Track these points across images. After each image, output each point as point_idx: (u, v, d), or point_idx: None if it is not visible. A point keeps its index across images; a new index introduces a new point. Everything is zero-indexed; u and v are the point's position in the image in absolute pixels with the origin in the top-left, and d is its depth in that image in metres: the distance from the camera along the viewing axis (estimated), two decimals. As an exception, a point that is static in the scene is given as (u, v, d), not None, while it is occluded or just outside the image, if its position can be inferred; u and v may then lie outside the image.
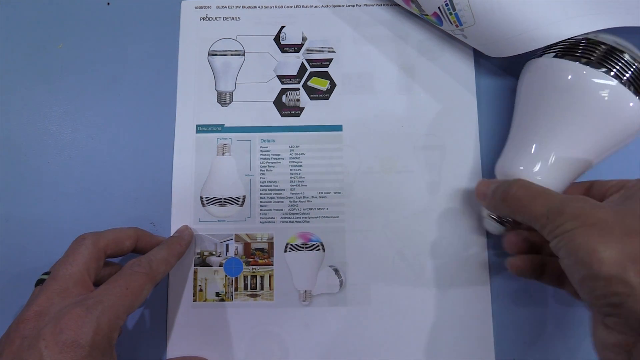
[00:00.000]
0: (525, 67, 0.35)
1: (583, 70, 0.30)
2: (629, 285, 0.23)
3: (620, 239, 0.24)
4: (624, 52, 0.30)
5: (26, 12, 0.42)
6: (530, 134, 0.33)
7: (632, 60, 0.30)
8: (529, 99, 0.34)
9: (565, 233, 0.25)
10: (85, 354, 0.26)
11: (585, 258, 0.24)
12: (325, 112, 0.40)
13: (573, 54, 0.31)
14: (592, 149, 0.32)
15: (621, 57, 0.30)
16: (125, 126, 0.40)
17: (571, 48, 0.32)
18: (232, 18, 0.41)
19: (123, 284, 0.29)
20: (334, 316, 0.37)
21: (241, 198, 0.38)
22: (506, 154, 0.34)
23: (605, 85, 0.30)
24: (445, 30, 0.39)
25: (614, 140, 0.32)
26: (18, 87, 0.41)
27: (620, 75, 0.30)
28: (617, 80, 0.30)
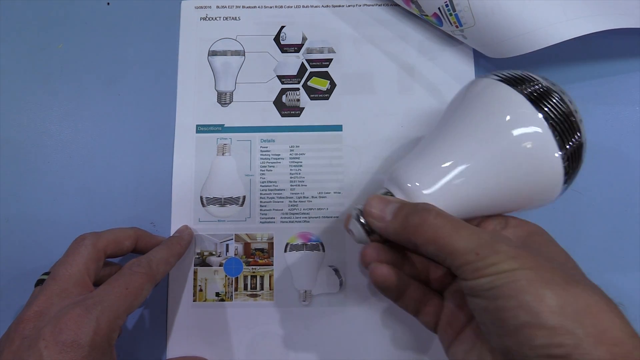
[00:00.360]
0: (471, 82, 0.31)
1: (522, 105, 0.27)
2: (575, 337, 0.22)
3: (565, 288, 0.23)
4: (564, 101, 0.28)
5: (26, 12, 0.42)
6: (443, 153, 0.29)
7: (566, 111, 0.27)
8: (456, 113, 0.30)
9: (502, 273, 0.23)
10: (85, 354, 0.26)
11: (532, 303, 0.22)
12: (325, 112, 0.40)
13: (519, 86, 0.28)
14: (496, 195, 0.28)
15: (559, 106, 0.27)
16: (125, 126, 0.40)
17: (520, 81, 0.29)
18: (232, 18, 0.41)
19: (123, 284, 0.29)
20: (334, 316, 0.37)
21: (241, 198, 0.38)
22: (408, 162, 0.30)
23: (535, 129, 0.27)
24: (445, 31, 0.39)
25: (520, 192, 0.29)
26: (18, 87, 0.41)
27: (553, 124, 0.27)
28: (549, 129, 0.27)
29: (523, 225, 0.29)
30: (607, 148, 0.38)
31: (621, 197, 0.38)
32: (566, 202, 0.38)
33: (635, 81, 0.39)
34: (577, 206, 0.38)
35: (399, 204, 0.27)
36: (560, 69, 0.40)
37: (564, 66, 0.40)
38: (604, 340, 0.22)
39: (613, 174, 0.38)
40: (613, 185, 0.38)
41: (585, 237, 0.37)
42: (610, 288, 0.37)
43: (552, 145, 0.27)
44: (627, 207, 0.38)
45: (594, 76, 0.40)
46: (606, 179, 0.38)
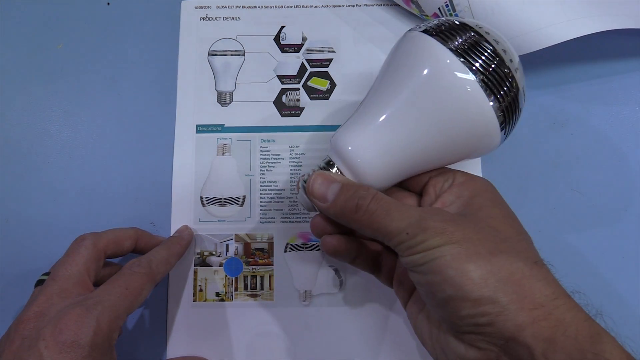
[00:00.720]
0: (402, 36, 0.30)
1: (448, 57, 0.26)
2: (498, 305, 0.23)
3: (488, 259, 0.24)
4: (490, 45, 0.27)
5: (26, 12, 0.42)
6: (372, 113, 0.28)
7: (494, 55, 0.27)
8: (385, 71, 0.30)
9: (429, 250, 0.24)
10: (85, 354, 0.26)
11: (455, 278, 0.24)
12: (325, 112, 0.40)
13: (443, 36, 0.27)
14: (434, 149, 0.28)
15: (486, 49, 0.27)
16: (125, 126, 0.40)
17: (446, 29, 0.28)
18: (232, 18, 0.41)
19: (123, 284, 0.29)
20: (334, 316, 0.37)
21: (241, 198, 0.38)
22: (344, 126, 0.30)
23: (462, 79, 0.26)
24: None
25: (457, 145, 0.28)
26: (18, 87, 0.41)
27: (480, 73, 0.26)
28: (476, 79, 0.26)
29: (469, 182, 0.29)
30: (607, 148, 0.38)
31: (621, 197, 0.38)
32: (566, 202, 0.38)
33: (635, 81, 0.39)
34: (577, 206, 0.38)
35: (340, 185, 0.28)
36: (561, 69, 0.40)
37: (564, 66, 0.40)
38: (525, 305, 0.23)
39: (613, 174, 0.38)
40: (613, 185, 0.38)
41: (585, 237, 0.37)
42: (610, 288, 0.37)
43: (480, 95, 0.26)
44: (627, 207, 0.38)
45: (594, 76, 0.40)
46: (606, 179, 0.38)
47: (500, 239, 0.26)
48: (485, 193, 0.28)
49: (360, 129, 0.28)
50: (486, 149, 0.29)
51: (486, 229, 0.26)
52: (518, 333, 0.23)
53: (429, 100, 0.27)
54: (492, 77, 0.26)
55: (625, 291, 0.36)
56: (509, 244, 0.26)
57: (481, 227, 0.26)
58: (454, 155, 0.29)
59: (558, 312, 0.23)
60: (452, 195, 0.29)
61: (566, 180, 0.38)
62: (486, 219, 0.27)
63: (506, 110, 0.27)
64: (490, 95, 0.26)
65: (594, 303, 0.25)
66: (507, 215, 0.28)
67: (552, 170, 0.38)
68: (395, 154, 0.28)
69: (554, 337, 0.22)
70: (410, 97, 0.27)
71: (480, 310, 0.23)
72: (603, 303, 0.37)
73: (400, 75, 0.28)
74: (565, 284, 0.25)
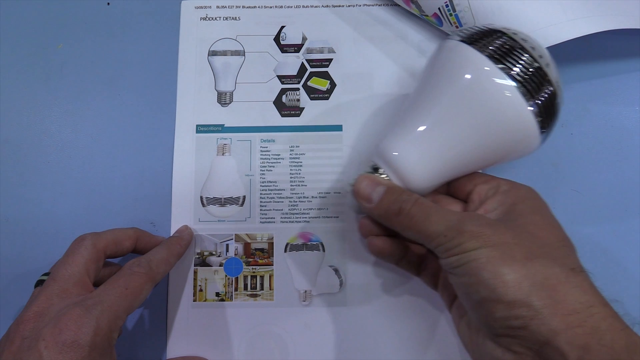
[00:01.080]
0: (439, 44, 0.31)
1: (486, 64, 0.27)
2: (532, 309, 0.23)
3: (523, 264, 0.24)
4: (527, 51, 0.28)
5: (26, 12, 0.42)
6: (414, 119, 0.30)
7: (534, 64, 0.28)
8: (424, 80, 0.31)
9: (466, 252, 0.25)
10: (85, 354, 0.26)
11: (489, 280, 0.24)
12: (325, 112, 0.40)
13: (479, 43, 0.28)
14: (476, 153, 0.29)
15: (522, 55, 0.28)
16: (125, 126, 0.40)
17: (480, 37, 0.29)
18: (232, 18, 0.41)
19: (123, 284, 0.29)
20: (334, 316, 0.37)
21: (241, 198, 0.38)
22: (388, 134, 0.31)
23: (501, 85, 0.27)
24: (445, 31, 0.39)
25: (498, 149, 0.29)
26: (18, 87, 0.41)
27: (518, 79, 0.27)
28: (515, 85, 0.27)
29: (512, 190, 0.30)
30: (607, 148, 0.38)
31: (621, 197, 0.38)
32: (566, 202, 0.38)
33: (635, 81, 0.39)
34: (577, 206, 0.38)
35: (385, 189, 0.29)
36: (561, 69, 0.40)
37: (564, 66, 0.40)
38: (559, 310, 0.23)
39: (613, 174, 0.38)
40: (613, 185, 0.38)
41: (586, 237, 0.37)
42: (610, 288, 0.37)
43: (519, 101, 0.27)
44: (627, 207, 0.38)
45: (594, 76, 0.40)
46: (606, 179, 0.38)
47: (538, 244, 0.26)
48: (527, 200, 0.29)
49: (404, 136, 0.30)
50: (525, 152, 0.30)
51: (524, 235, 0.26)
52: (552, 338, 0.23)
53: (470, 107, 0.28)
54: (530, 82, 0.27)
55: (624, 291, 0.36)
56: (547, 249, 0.26)
57: (519, 233, 0.26)
58: (494, 158, 0.30)
59: (593, 320, 0.23)
60: (495, 203, 0.29)
61: (566, 180, 0.38)
62: (526, 225, 0.27)
63: (545, 114, 0.28)
64: (529, 99, 0.27)
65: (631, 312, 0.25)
66: (548, 222, 0.28)
67: (552, 170, 0.38)
68: (439, 158, 0.29)
69: (589, 345, 0.22)
70: (451, 104, 0.29)
71: (513, 313, 0.24)
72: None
73: (440, 84, 0.29)
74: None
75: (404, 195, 0.29)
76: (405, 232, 0.29)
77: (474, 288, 0.25)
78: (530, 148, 0.30)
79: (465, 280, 0.26)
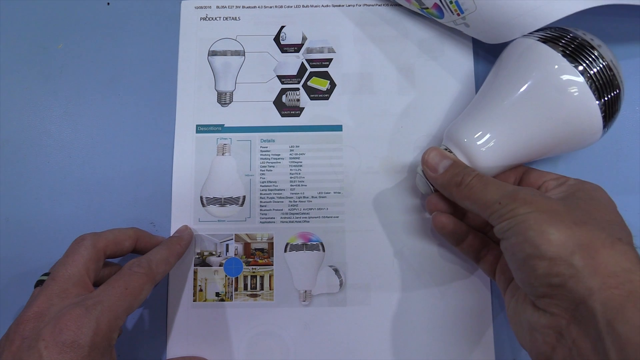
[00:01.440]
0: (509, 45, 0.34)
1: (559, 61, 0.30)
2: (573, 267, 0.24)
3: (569, 227, 0.25)
4: (601, 55, 0.30)
5: (26, 12, 0.42)
6: (488, 108, 0.33)
7: (606, 66, 0.30)
8: (499, 73, 0.34)
9: (517, 216, 0.27)
10: (85, 354, 0.26)
11: (535, 238, 0.25)
12: (325, 112, 0.40)
13: (555, 43, 0.31)
14: (540, 143, 0.32)
15: (596, 59, 0.30)
16: (125, 126, 0.40)
17: (556, 37, 0.31)
18: (232, 18, 0.41)
19: (122, 284, 0.29)
20: (334, 316, 0.37)
21: (241, 198, 0.38)
22: (461, 120, 0.34)
23: (573, 82, 0.30)
24: (445, 24, 0.38)
25: (562, 140, 0.32)
26: (18, 87, 0.41)
27: (590, 77, 0.30)
28: (587, 82, 0.30)
29: (578, 185, 0.31)
30: (607, 148, 0.38)
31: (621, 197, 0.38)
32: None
33: (635, 81, 0.39)
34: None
35: (451, 162, 0.32)
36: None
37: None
38: (599, 271, 0.24)
39: (613, 174, 0.38)
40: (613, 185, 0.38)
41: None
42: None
43: (588, 97, 0.30)
44: (627, 207, 0.37)
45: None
46: (606, 178, 0.38)
47: (588, 215, 0.27)
48: (590, 192, 0.30)
49: (475, 124, 0.33)
50: (586, 145, 0.33)
51: (577, 209, 0.27)
52: (587, 297, 0.24)
53: (540, 101, 0.31)
54: (598, 78, 0.30)
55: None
56: (597, 220, 0.26)
57: (572, 206, 0.27)
58: (557, 148, 0.33)
59: (631, 285, 0.23)
60: (558, 191, 0.31)
61: (566, 180, 0.38)
62: (580, 203, 0.28)
63: (609, 110, 0.31)
64: (597, 95, 0.30)
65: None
66: (605, 207, 0.28)
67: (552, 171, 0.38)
68: (506, 146, 0.32)
69: (623, 307, 0.23)
70: (523, 97, 0.31)
71: (554, 270, 0.25)
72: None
73: (513, 78, 0.32)
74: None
75: (467, 169, 0.31)
76: (464, 202, 0.31)
77: (520, 247, 0.26)
78: (592, 140, 0.32)
79: (513, 241, 0.27)
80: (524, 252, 0.26)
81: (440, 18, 0.38)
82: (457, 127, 0.34)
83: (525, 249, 0.26)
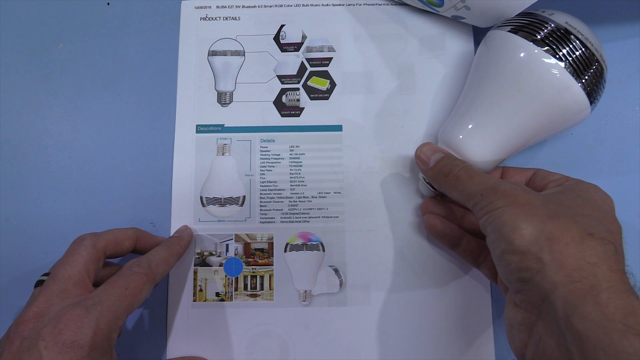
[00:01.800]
0: (485, 36, 0.35)
1: (533, 49, 0.30)
2: (540, 262, 0.24)
3: (543, 220, 0.26)
4: (574, 35, 0.30)
5: (26, 12, 0.42)
6: (474, 105, 0.33)
7: (580, 44, 0.30)
8: (479, 69, 0.34)
9: (495, 210, 0.27)
10: (85, 355, 0.26)
11: (508, 233, 0.26)
12: (325, 112, 0.40)
13: (527, 31, 0.31)
14: (530, 130, 0.32)
15: (570, 40, 0.30)
16: (125, 126, 0.40)
17: (526, 25, 0.32)
18: (232, 18, 0.41)
19: (122, 285, 0.29)
20: (334, 316, 0.37)
21: (241, 198, 0.38)
22: (450, 120, 0.35)
23: (548, 67, 0.30)
24: (445, 15, 0.38)
25: (552, 124, 0.32)
26: (18, 87, 0.41)
27: (566, 59, 0.30)
28: (563, 64, 0.30)
29: (576, 183, 0.30)
30: (607, 148, 0.38)
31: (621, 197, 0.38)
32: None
33: (635, 81, 0.39)
34: (577, 206, 0.38)
35: (442, 155, 0.33)
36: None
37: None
38: (565, 265, 0.24)
39: (613, 174, 0.38)
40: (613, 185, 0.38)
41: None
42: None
43: (568, 79, 0.30)
44: (627, 207, 0.37)
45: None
46: (606, 179, 0.38)
47: (565, 209, 0.27)
48: (581, 189, 0.29)
49: (466, 119, 0.33)
50: (579, 120, 0.32)
51: (553, 201, 0.27)
52: (551, 292, 0.24)
53: (521, 91, 0.31)
54: (573, 58, 0.30)
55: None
56: (573, 214, 0.26)
57: (550, 200, 0.27)
58: (547, 132, 0.33)
59: (594, 279, 0.23)
60: (552, 190, 0.30)
61: (566, 180, 0.38)
62: (562, 197, 0.28)
63: (592, 85, 0.31)
64: (576, 75, 0.30)
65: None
66: (591, 202, 0.28)
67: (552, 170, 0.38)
68: (496, 140, 0.32)
69: (583, 302, 0.23)
70: (504, 89, 0.32)
71: (524, 265, 0.25)
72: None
73: (490, 72, 0.33)
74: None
75: (457, 161, 0.32)
76: (452, 193, 0.31)
77: (496, 243, 0.27)
78: (581, 118, 0.32)
79: (492, 237, 0.27)
80: (500, 248, 0.26)
81: (441, 6, 0.37)
82: (447, 127, 0.34)
83: (501, 244, 0.26)
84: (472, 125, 0.33)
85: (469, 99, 0.34)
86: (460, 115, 0.34)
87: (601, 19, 0.40)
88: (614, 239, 0.26)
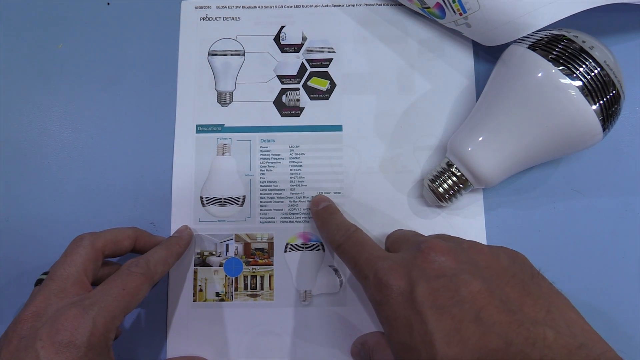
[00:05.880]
0: (503, 53, 0.35)
1: (549, 69, 0.30)
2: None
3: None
4: (592, 57, 0.30)
5: (26, 12, 0.42)
6: (486, 119, 0.33)
7: (596, 66, 0.30)
8: (494, 83, 0.34)
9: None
10: (81, 355, 0.26)
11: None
12: (325, 112, 0.40)
13: (545, 49, 0.31)
14: (540, 150, 0.32)
15: (588, 61, 0.30)
16: (125, 126, 0.40)
17: (545, 42, 0.32)
18: (232, 18, 0.41)
19: (120, 285, 0.29)
20: (334, 316, 0.37)
21: (241, 198, 0.38)
22: (460, 131, 0.35)
23: (564, 89, 0.30)
24: (446, 25, 0.38)
25: (563, 147, 0.32)
26: (18, 87, 0.41)
27: (582, 81, 0.30)
28: (576, 87, 0.30)
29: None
30: (607, 148, 0.38)
31: (621, 197, 0.38)
32: (566, 202, 0.38)
33: (635, 81, 0.39)
34: (577, 206, 0.38)
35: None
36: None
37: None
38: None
39: (613, 174, 0.38)
40: (613, 185, 0.38)
41: (585, 237, 0.37)
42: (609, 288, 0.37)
43: (583, 103, 0.30)
44: (627, 207, 0.37)
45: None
46: (606, 179, 0.38)
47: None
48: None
49: (477, 132, 0.33)
50: (589, 145, 0.32)
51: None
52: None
53: (535, 109, 0.31)
54: (591, 82, 0.30)
55: (624, 291, 0.36)
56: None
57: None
58: (557, 153, 0.33)
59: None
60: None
61: (566, 180, 0.38)
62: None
63: (607, 112, 0.31)
64: (591, 100, 0.30)
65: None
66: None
67: (552, 170, 0.38)
68: (508, 152, 0.32)
69: None
70: (518, 107, 0.32)
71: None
72: (602, 302, 0.37)
73: (507, 87, 0.33)
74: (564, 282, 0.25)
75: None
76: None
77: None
78: (593, 143, 0.32)
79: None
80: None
81: (442, 18, 0.38)
82: (457, 138, 0.34)
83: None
84: (482, 138, 0.33)
85: (481, 112, 0.34)
86: (471, 127, 0.34)
87: (601, 18, 0.40)
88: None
